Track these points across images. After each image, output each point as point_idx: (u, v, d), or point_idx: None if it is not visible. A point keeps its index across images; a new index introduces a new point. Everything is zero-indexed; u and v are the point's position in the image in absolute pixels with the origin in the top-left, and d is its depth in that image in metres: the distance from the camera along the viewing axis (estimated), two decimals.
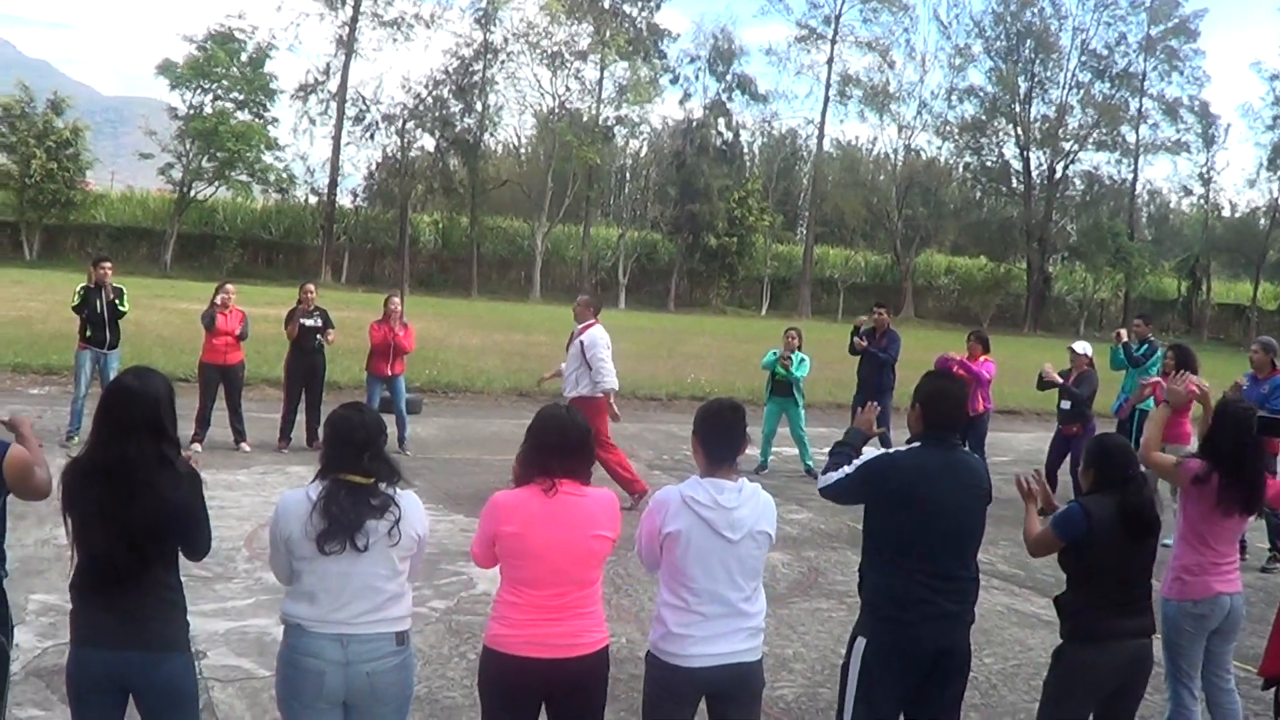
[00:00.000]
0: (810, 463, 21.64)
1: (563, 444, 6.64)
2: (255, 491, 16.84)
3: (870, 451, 7.53)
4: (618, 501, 6.83)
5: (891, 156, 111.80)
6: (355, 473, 6.29)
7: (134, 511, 6.01)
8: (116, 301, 20.01)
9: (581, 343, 17.93)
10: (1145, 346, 20.13)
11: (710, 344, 51.87)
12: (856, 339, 22.08)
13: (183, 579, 6.40)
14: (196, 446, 18.63)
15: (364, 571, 6.25)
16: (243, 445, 20.20)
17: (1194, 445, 10.20)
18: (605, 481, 7.73)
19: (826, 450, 7.71)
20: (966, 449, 7.84)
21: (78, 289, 20.22)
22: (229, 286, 20.84)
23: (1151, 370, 19.58)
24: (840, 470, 7.51)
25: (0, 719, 6.57)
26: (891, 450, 7.61)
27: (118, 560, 6.02)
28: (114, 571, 6.05)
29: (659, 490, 6.99)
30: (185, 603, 6.42)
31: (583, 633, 6.54)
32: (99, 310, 19.77)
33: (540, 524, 6.46)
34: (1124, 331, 20.60)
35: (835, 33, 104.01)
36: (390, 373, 21.16)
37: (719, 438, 6.89)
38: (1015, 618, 13.30)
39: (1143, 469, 8.12)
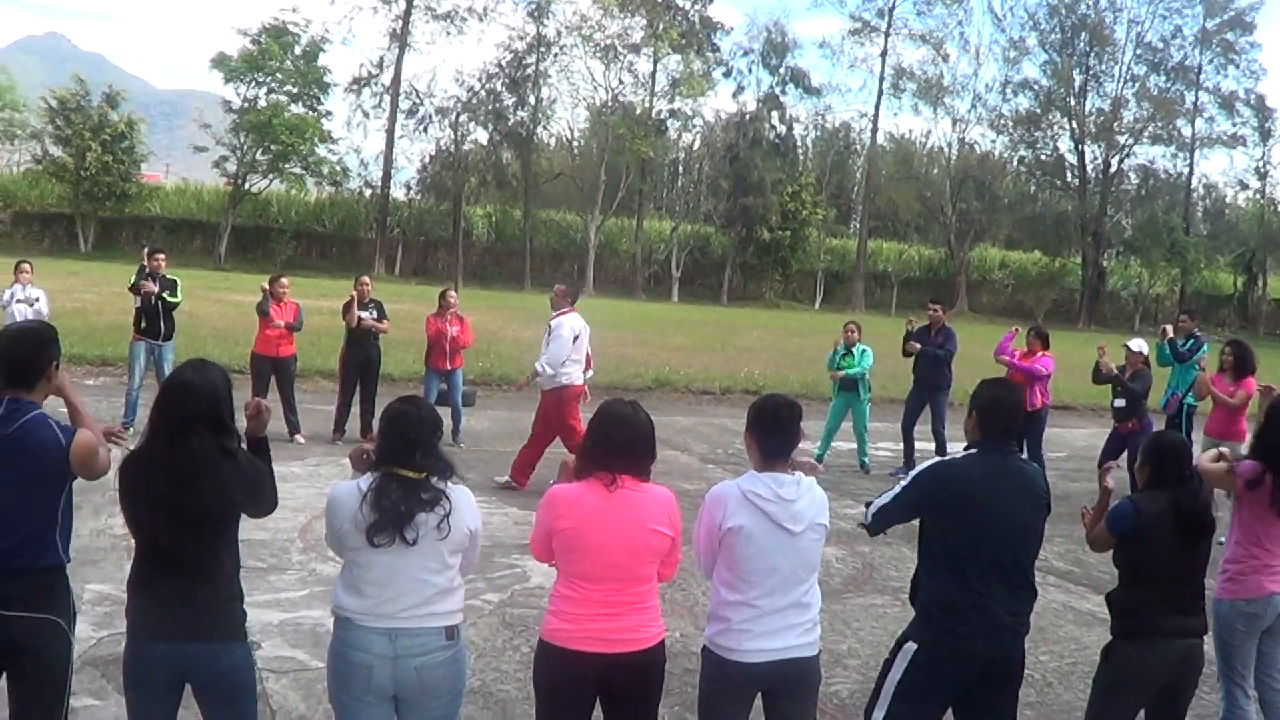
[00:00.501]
0: (866, 459, 21.68)
1: (627, 440, 6.63)
2: (309, 483, 16.86)
3: (928, 451, 7.51)
4: (676, 499, 6.78)
5: (945, 150, 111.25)
6: (408, 468, 6.30)
7: (195, 504, 6.03)
8: (166, 294, 20.11)
9: (548, 327, 17.97)
10: (1190, 342, 20.04)
11: (763, 337, 51.82)
12: (909, 342, 21.88)
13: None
14: None
15: (412, 565, 6.26)
16: (297, 437, 20.27)
17: (1249, 443, 10.12)
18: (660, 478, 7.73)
19: (883, 445, 7.67)
20: (1024, 457, 7.80)
21: (133, 276, 20.35)
22: (283, 279, 20.90)
23: (1195, 367, 19.50)
24: (889, 493, 7.49)
25: (63, 705, 6.57)
26: (947, 457, 7.57)
27: (178, 552, 6.05)
28: (174, 563, 6.07)
29: (715, 486, 6.94)
30: (243, 594, 6.43)
31: (639, 627, 6.52)
32: (152, 302, 19.84)
33: (599, 519, 6.46)
34: (1169, 327, 20.47)
35: (889, 25, 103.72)
36: (449, 367, 21.19)
37: (774, 435, 6.86)
38: (1071, 615, 13.23)
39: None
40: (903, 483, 7.42)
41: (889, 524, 7.53)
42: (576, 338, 18.02)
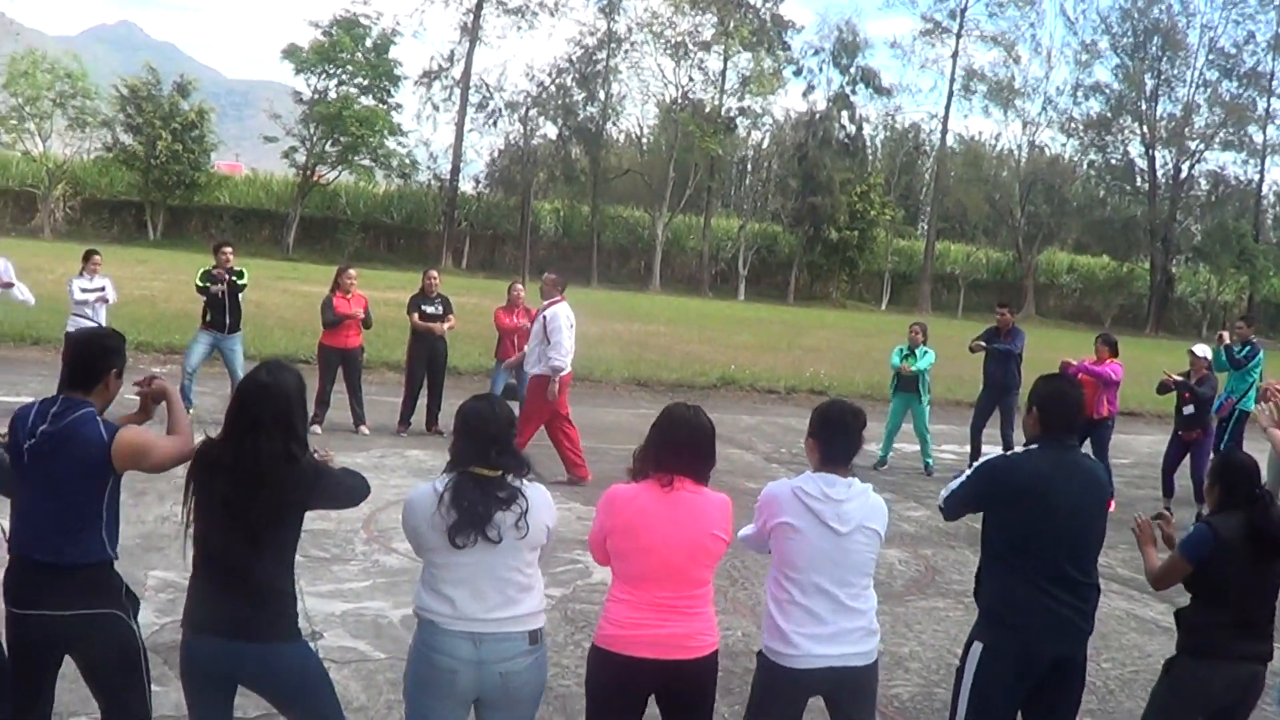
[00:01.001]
0: (930, 460, 21.57)
1: (689, 443, 6.63)
2: (374, 475, 16.65)
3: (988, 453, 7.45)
4: (731, 504, 6.76)
5: (1015, 152, 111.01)
6: (483, 466, 6.30)
7: (255, 506, 6.07)
8: (235, 279, 20.23)
9: (544, 318, 17.80)
10: (1247, 348, 19.96)
11: (829, 338, 51.70)
12: (975, 341, 21.73)
13: (301, 559, 6.46)
14: (316, 428, 18.75)
15: (494, 564, 6.25)
16: (362, 428, 20.31)
17: None
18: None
19: (947, 448, 7.65)
20: (1086, 453, 7.75)
21: (200, 272, 20.43)
22: (351, 271, 20.91)
23: (1254, 373, 19.42)
24: (956, 480, 7.46)
25: (144, 690, 6.66)
26: (1009, 453, 7.53)
27: (234, 552, 6.10)
28: (225, 561, 6.14)
29: (771, 483, 6.97)
30: (296, 596, 6.44)
31: (695, 635, 6.51)
32: (218, 294, 19.92)
33: (655, 520, 6.46)
34: (1226, 334, 20.45)
35: (960, 27, 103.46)
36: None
37: (835, 440, 6.84)
38: (1134, 623, 13.14)
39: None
40: (967, 472, 7.40)
41: (959, 510, 7.51)
42: (572, 326, 18.15)
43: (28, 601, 6.34)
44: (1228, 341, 20.08)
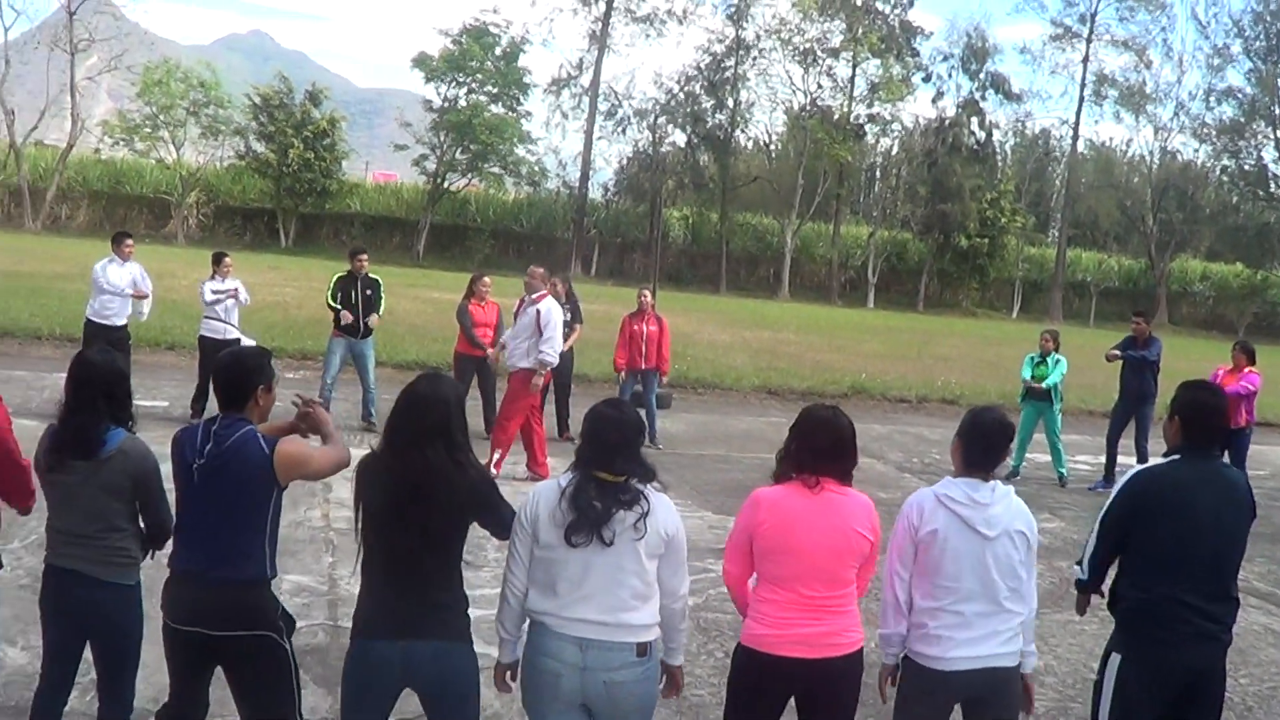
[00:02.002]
0: (1063, 470, 21.33)
1: (831, 444, 6.64)
2: (504, 482, 16.75)
3: (1129, 466, 7.37)
4: (874, 506, 6.73)
5: (1147, 158, 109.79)
6: (608, 471, 6.32)
7: (424, 512, 6.16)
8: (373, 314, 20.50)
9: (538, 311, 17.39)
10: None
11: (960, 346, 51.44)
12: (1111, 351, 21.49)
13: None
14: None
15: (607, 564, 6.27)
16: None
17: None
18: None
19: (1081, 458, 7.50)
20: (1227, 462, 7.64)
21: (333, 278, 20.57)
22: (485, 279, 21.02)
23: None
24: (1088, 544, 7.43)
25: (295, 708, 6.74)
26: (1150, 464, 7.44)
27: (407, 555, 6.18)
28: (400, 566, 6.21)
29: (913, 493, 6.95)
30: (468, 598, 6.55)
31: (841, 632, 6.52)
32: (353, 300, 20.07)
33: (802, 520, 6.47)
34: None
35: (1091, 31, 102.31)
36: (644, 366, 21.15)
37: (982, 446, 6.84)
38: (1272, 638, 12.99)
39: None
40: (1101, 511, 7.35)
41: (1105, 565, 7.44)
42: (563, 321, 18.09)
43: (186, 618, 6.47)
44: None
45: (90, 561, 6.82)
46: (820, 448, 6.60)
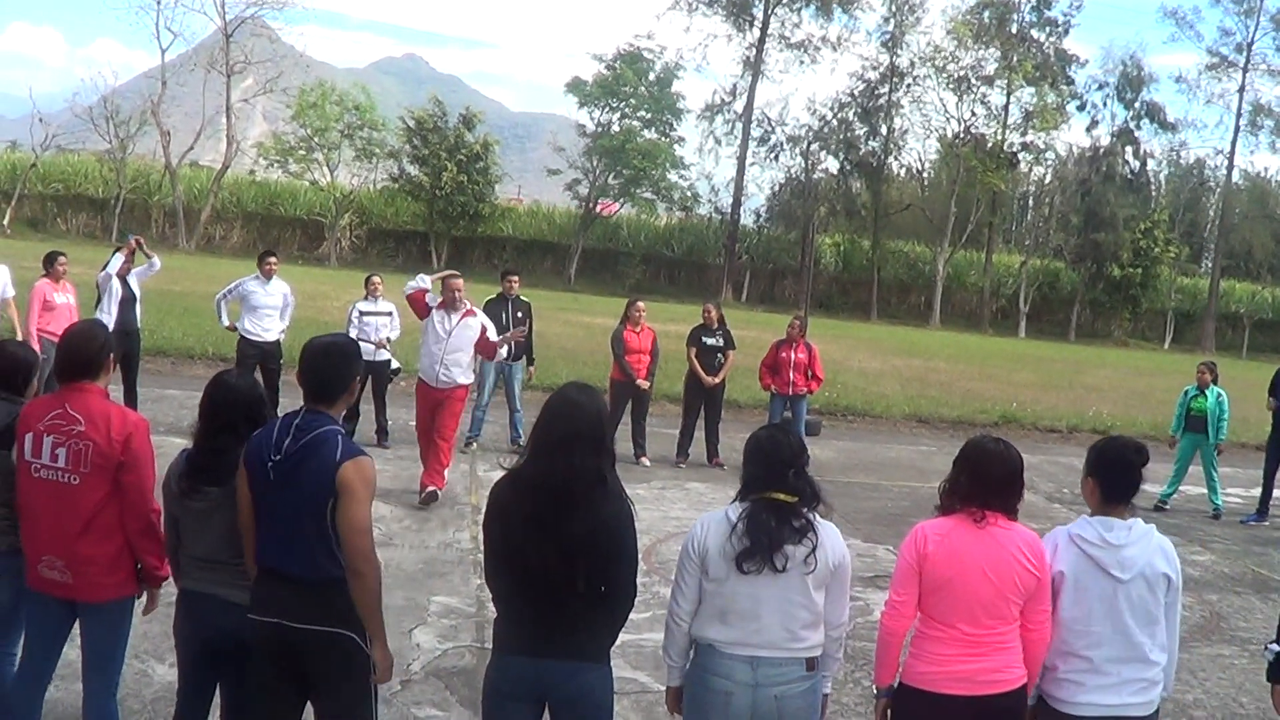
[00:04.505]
0: (1219, 502, 21.00)
1: (1002, 477, 6.56)
2: (654, 506, 17.01)
3: None
4: (1039, 540, 6.65)
5: None
6: (782, 490, 6.31)
7: (570, 523, 6.06)
8: (520, 315, 20.48)
9: (484, 326, 16.99)
10: None
11: (1111, 376, 50.88)
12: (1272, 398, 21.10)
13: None
14: None
15: (777, 596, 6.25)
16: (643, 460, 20.48)
17: None
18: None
19: (1233, 490, 7.40)
20: None
21: (484, 301, 20.70)
22: (639, 304, 21.03)
23: None
24: None
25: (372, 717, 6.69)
26: None
27: (549, 571, 6.07)
28: (544, 582, 6.11)
29: (1049, 532, 6.82)
30: (609, 618, 6.41)
31: (1005, 668, 6.44)
32: (504, 322, 20.15)
33: (969, 555, 6.41)
34: None
35: (1247, 60, 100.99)
36: (792, 392, 21.11)
37: (1118, 478, 6.69)
38: None
39: None
40: None
41: None
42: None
43: (268, 610, 6.44)
44: None
45: (227, 585, 6.82)
46: (990, 481, 6.53)
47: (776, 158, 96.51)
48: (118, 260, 19.14)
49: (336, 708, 6.57)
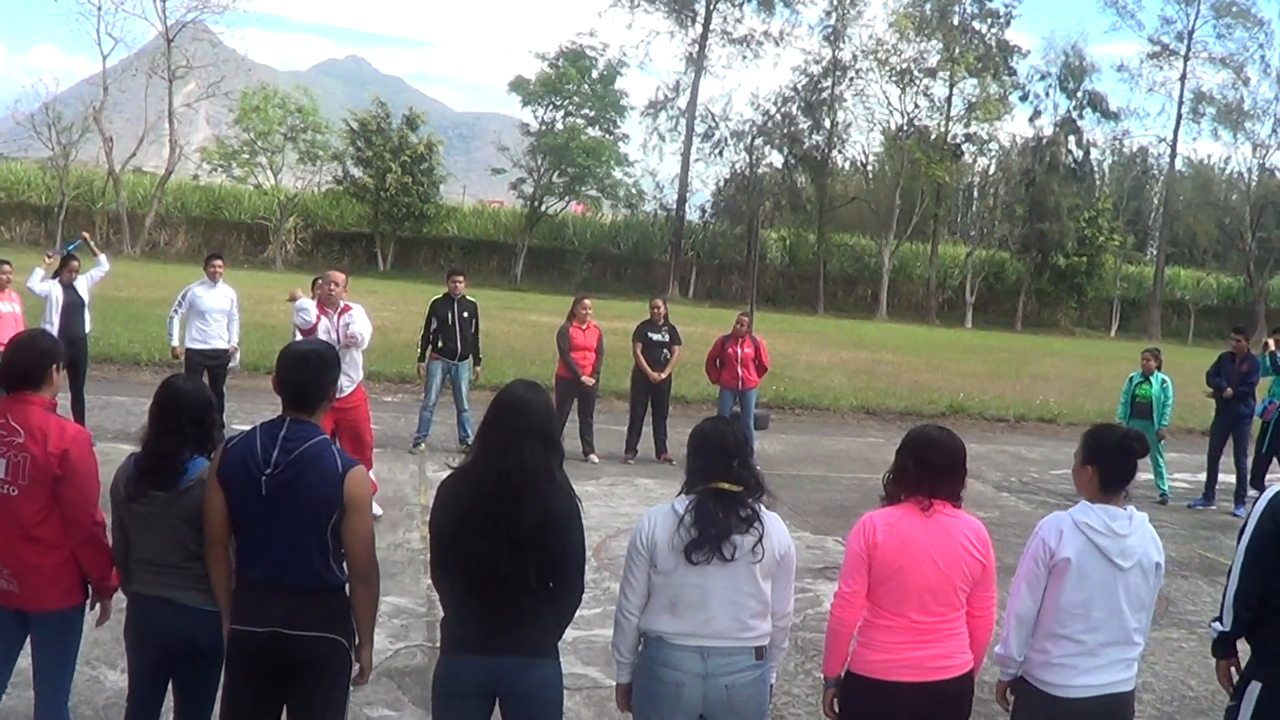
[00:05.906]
0: (1165, 488, 21.14)
1: (945, 464, 6.61)
2: (603, 502, 17.04)
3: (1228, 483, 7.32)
4: (984, 527, 6.73)
5: (1245, 176, 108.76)
6: (726, 480, 6.35)
7: (520, 518, 6.06)
8: (467, 315, 20.51)
9: (344, 315, 15.72)
10: None
11: (1058, 365, 51.14)
12: (1214, 383, 21.35)
13: None
14: None
15: (726, 586, 6.30)
16: (591, 457, 20.53)
17: None
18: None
19: (1180, 476, 7.46)
20: None
21: (430, 301, 20.69)
22: (586, 301, 21.08)
23: None
24: (1230, 580, 7.30)
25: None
26: None
27: (499, 566, 6.07)
28: (489, 578, 6.11)
29: (1046, 516, 6.85)
30: (558, 614, 6.41)
31: (954, 653, 6.53)
32: (450, 321, 20.16)
33: (917, 543, 6.46)
34: (1271, 341, 20.56)
35: (1188, 49, 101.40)
36: (742, 387, 21.18)
37: (1118, 466, 6.73)
38: None
39: None
40: (1242, 542, 7.23)
41: (1249, 604, 7.17)
42: None
43: (261, 619, 6.40)
44: (1273, 348, 20.35)
45: (177, 588, 6.80)
46: (936, 467, 6.57)
47: (721, 153, 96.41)
48: (39, 273, 19.08)
49: (316, 711, 6.58)
